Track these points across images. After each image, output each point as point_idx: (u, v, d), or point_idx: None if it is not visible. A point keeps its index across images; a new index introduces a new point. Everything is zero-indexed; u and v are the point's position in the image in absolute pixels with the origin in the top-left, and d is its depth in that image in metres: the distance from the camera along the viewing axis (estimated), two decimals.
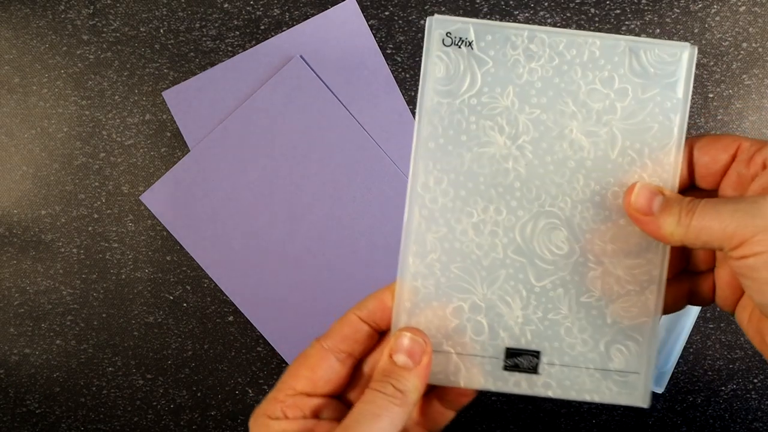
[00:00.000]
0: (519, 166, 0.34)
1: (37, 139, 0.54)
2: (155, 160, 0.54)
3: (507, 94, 0.34)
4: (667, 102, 0.34)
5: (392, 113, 0.53)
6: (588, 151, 0.34)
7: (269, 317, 0.55)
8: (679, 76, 0.34)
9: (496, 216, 0.35)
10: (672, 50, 0.34)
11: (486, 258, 0.35)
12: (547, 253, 0.35)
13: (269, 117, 0.53)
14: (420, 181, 0.35)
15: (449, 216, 0.35)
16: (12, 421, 0.56)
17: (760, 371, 0.53)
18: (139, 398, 0.56)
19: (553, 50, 0.34)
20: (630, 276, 0.34)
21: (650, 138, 0.34)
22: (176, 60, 0.54)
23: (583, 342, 0.35)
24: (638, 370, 0.35)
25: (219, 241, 0.54)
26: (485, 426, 0.54)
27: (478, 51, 0.34)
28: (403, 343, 0.33)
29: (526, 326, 0.35)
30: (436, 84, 0.34)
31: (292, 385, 0.34)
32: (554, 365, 0.35)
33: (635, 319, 0.35)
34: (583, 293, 0.35)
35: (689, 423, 0.54)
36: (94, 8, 0.53)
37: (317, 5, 0.53)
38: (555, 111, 0.34)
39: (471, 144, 0.34)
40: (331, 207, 0.54)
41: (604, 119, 0.34)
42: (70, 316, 0.55)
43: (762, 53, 0.51)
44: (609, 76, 0.34)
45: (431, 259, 0.35)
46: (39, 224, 0.55)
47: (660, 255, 0.34)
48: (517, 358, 0.35)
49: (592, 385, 0.35)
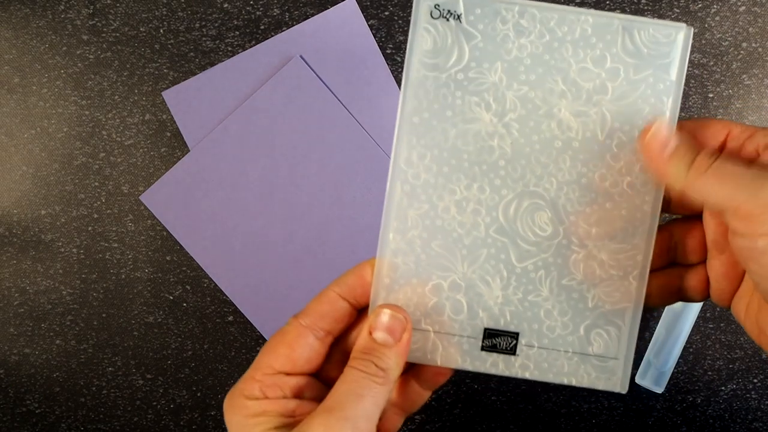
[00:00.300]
0: (504, 144, 0.33)
1: (37, 139, 0.54)
2: (155, 160, 0.54)
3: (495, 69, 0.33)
4: (659, 84, 0.33)
5: (392, 113, 0.53)
6: (576, 131, 0.33)
7: (269, 317, 0.55)
8: (673, 57, 0.33)
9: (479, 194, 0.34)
10: (667, 31, 0.33)
11: (467, 236, 0.34)
12: (529, 233, 0.34)
13: (269, 117, 0.53)
14: (403, 156, 0.34)
15: (431, 192, 0.34)
16: (12, 421, 0.56)
17: (760, 371, 0.53)
18: (139, 398, 0.56)
19: (544, 26, 0.33)
20: (614, 261, 0.34)
21: (641, 120, 0.33)
22: (176, 60, 0.54)
23: (563, 325, 0.34)
24: (617, 356, 0.34)
25: (219, 241, 0.54)
26: (485, 426, 0.54)
27: (467, 24, 0.33)
28: (383, 320, 0.32)
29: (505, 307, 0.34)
30: (422, 57, 0.33)
31: (270, 363, 0.33)
32: (533, 347, 0.34)
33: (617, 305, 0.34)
34: (565, 276, 0.34)
35: (689, 423, 0.54)
36: (94, 8, 0.53)
37: (317, 5, 0.53)
38: (544, 89, 0.33)
39: (456, 120, 0.33)
40: (331, 207, 0.54)
41: (594, 99, 0.33)
42: (70, 316, 0.55)
43: (762, 53, 0.51)
44: (601, 54, 0.33)
45: (412, 236, 0.34)
46: (39, 224, 0.55)
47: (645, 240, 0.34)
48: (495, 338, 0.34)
49: (570, 369, 0.34)
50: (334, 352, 0.35)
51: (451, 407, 0.54)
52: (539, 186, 0.34)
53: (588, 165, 0.33)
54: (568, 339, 0.34)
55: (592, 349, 0.34)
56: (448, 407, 0.54)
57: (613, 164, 0.33)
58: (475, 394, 0.54)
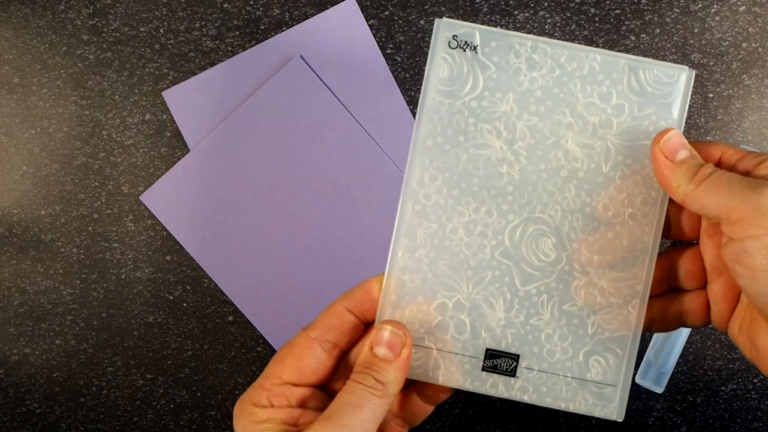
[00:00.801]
0: (513, 171, 0.35)
1: (37, 139, 0.54)
2: (155, 160, 0.54)
3: (507, 99, 0.35)
4: (662, 121, 0.34)
5: (392, 113, 0.53)
6: (581, 162, 0.35)
7: (269, 317, 0.55)
8: (675, 97, 0.34)
9: (487, 218, 0.35)
10: (670, 72, 0.34)
11: (474, 258, 0.35)
12: (534, 258, 0.35)
13: (269, 117, 0.53)
14: (415, 177, 0.35)
15: (441, 213, 0.35)
16: (12, 421, 0.56)
17: (760, 371, 0.53)
18: (139, 398, 0.56)
19: (554, 61, 0.34)
20: (614, 288, 0.35)
21: (643, 155, 0.34)
22: (176, 60, 0.54)
23: (563, 350, 0.35)
24: (615, 383, 0.35)
25: (219, 241, 0.54)
26: (485, 426, 0.54)
27: (482, 56, 0.34)
28: (384, 336, 0.33)
29: (507, 329, 0.35)
30: (438, 84, 0.35)
31: (279, 374, 0.34)
32: (532, 370, 0.35)
33: (616, 332, 0.35)
34: (566, 301, 0.35)
35: (689, 423, 0.54)
36: (94, 8, 0.53)
37: (317, 5, 0.53)
38: (552, 120, 0.34)
39: (468, 145, 0.35)
40: (331, 207, 0.54)
41: (600, 133, 0.34)
42: (70, 316, 0.55)
43: (762, 53, 0.51)
44: (607, 91, 0.34)
45: (420, 254, 0.35)
46: (39, 224, 0.55)
47: (645, 270, 0.35)
48: (496, 359, 0.35)
49: (568, 394, 0.35)
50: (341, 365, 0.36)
51: (451, 407, 0.54)
52: (545, 213, 0.35)
53: (592, 195, 0.35)
54: (567, 364, 0.35)
55: (591, 375, 0.35)
56: (448, 407, 0.54)
57: (615, 195, 0.35)
58: (475, 394, 0.54)
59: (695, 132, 0.52)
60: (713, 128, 0.52)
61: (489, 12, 0.52)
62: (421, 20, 0.52)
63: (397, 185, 0.53)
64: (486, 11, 0.52)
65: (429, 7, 0.52)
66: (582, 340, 0.35)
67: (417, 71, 0.53)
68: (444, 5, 0.52)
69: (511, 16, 0.52)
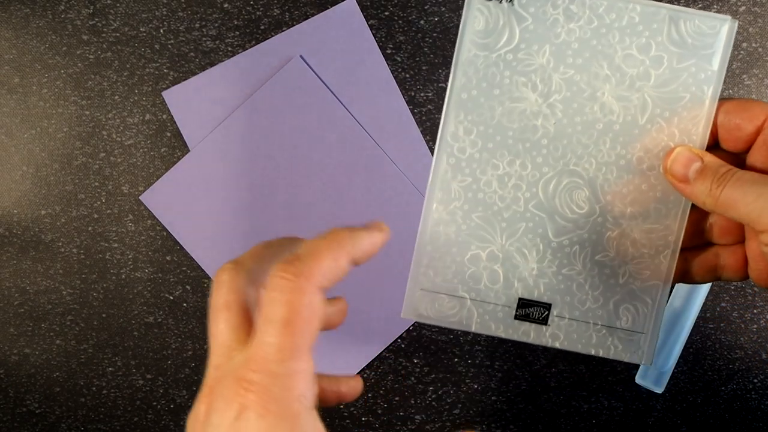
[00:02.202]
0: (548, 124, 0.35)
1: (37, 139, 0.54)
2: (155, 160, 0.54)
3: (543, 52, 0.34)
4: (701, 73, 0.34)
5: (392, 113, 0.53)
6: (617, 115, 0.34)
7: None
8: (716, 48, 0.34)
9: (521, 170, 0.35)
10: (712, 22, 0.34)
11: (507, 210, 0.35)
12: (567, 210, 0.35)
13: (269, 117, 0.53)
14: (450, 130, 0.35)
15: (475, 166, 0.35)
16: (12, 421, 0.56)
17: (760, 371, 0.53)
18: (139, 398, 0.56)
19: (593, 12, 0.34)
20: (646, 239, 0.35)
21: (681, 108, 0.34)
22: (176, 60, 0.54)
23: (594, 299, 0.36)
24: (644, 330, 0.36)
25: (219, 241, 0.54)
26: (485, 426, 0.54)
27: (519, 7, 0.34)
28: None
29: (540, 279, 0.36)
30: (474, 36, 0.34)
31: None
32: (564, 318, 0.36)
33: (646, 282, 0.35)
34: (598, 252, 0.35)
35: (689, 423, 0.54)
36: (94, 8, 0.53)
37: (317, 5, 0.53)
38: (589, 73, 0.34)
39: (503, 98, 0.35)
40: (331, 207, 0.54)
41: (637, 85, 0.34)
42: (70, 316, 0.55)
43: (762, 53, 0.51)
44: (646, 42, 0.34)
45: (454, 207, 0.35)
46: (39, 224, 0.55)
47: (678, 222, 0.35)
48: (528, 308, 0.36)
49: (598, 341, 0.36)
50: None
51: (451, 407, 0.54)
52: (579, 165, 0.35)
53: (627, 147, 0.35)
54: (597, 312, 0.36)
55: (620, 323, 0.36)
56: (448, 407, 0.54)
57: (651, 148, 0.34)
58: (475, 394, 0.54)
59: None
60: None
61: None
62: (421, 20, 0.52)
63: (397, 185, 0.53)
64: None
65: (429, 7, 0.52)
66: (613, 289, 0.35)
67: (417, 71, 0.53)
68: (444, 5, 0.52)
69: None
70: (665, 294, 0.35)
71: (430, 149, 0.53)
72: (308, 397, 0.25)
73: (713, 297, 0.53)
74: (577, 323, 0.36)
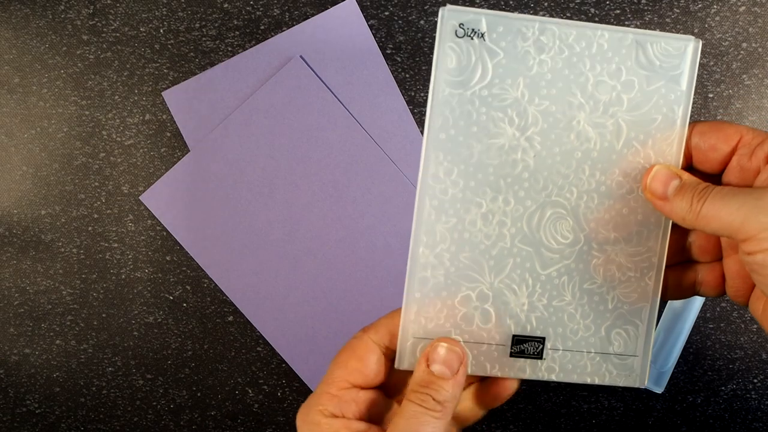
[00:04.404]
0: (527, 157, 0.35)
1: (37, 139, 0.54)
2: (155, 160, 0.54)
3: (517, 85, 0.34)
4: (671, 94, 0.34)
5: (392, 113, 0.53)
6: (594, 142, 0.35)
7: (269, 317, 0.55)
8: (683, 69, 0.34)
9: (504, 206, 0.35)
10: (677, 44, 0.34)
11: (494, 247, 0.35)
12: (553, 242, 0.35)
13: (269, 117, 0.53)
14: (430, 172, 0.35)
15: (459, 206, 0.35)
16: (12, 421, 0.56)
17: (760, 371, 0.53)
18: (139, 398, 0.56)
19: (563, 42, 0.34)
20: (631, 263, 0.35)
21: (654, 129, 0.34)
22: (176, 60, 0.54)
23: (586, 327, 0.36)
24: (636, 353, 0.36)
25: (219, 241, 0.54)
26: (485, 426, 0.54)
27: (490, 42, 0.34)
28: (440, 353, 0.33)
29: (531, 313, 0.36)
30: (447, 75, 0.34)
31: (344, 377, 0.34)
32: (558, 350, 0.36)
33: (635, 304, 0.36)
34: (586, 280, 0.36)
35: (689, 423, 0.54)
36: (94, 8, 0.53)
37: (317, 5, 0.53)
38: (563, 102, 0.34)
39: (481, 135, 0.35)
40: (331, 207, 0.54)
41: (611, 111, 0.34)
42: (70, 316, 0.55)
43: (762, 53, 0.51)
44: (616, 68, 0.34)
45: (441, 250, 0.35)
46: (39, 224, 0.55)
47: (659, 243, 0.35)
48: (523, 344, 0.36)
49: (593, 369, 0.36)
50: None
51: None
52: (561, 196, 0.35)
53: (606, 173, 0.35)
54: (590, 340, 0.36)
55: (613, 348, 0.36)
56: None
57: (628, 171, 0.35)
58: None
59: None
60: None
61: None
62: (421, 20, 0.52)
63: (397, 185, 0.53)
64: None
65: (429, 7, 0.52)
66: (603, 315, 0.36)
67: (417, 71, 0.53)
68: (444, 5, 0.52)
69: None
70: (654, 314, 0.36)
71: None
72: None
73: (712, 298, 0.53)
74: (572, 353, 0.36)
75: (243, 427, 0.56)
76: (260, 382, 0.55)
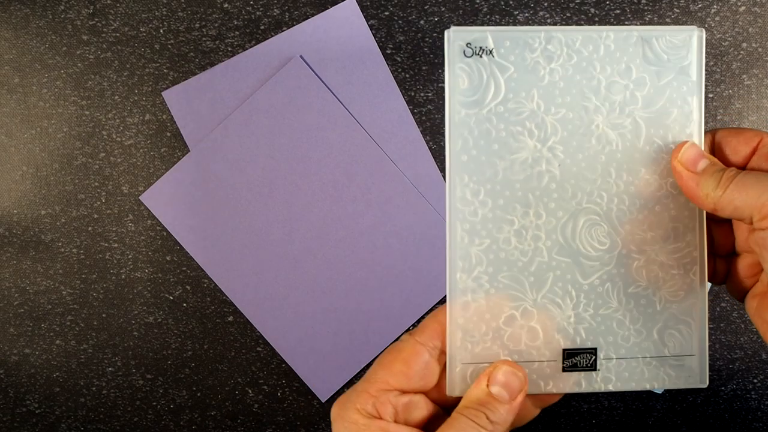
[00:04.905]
0: (552, 168, 0.35)
1: (37, 139, 0.54)
2: (155, 160, 0.54)
3: (532, 97, 0.34)
4: (683, 86, 0.34)
5: (392, 113, 0.53)
6: (616, 143, 0.35)
7: (269, 317, 0.55)
8: (691, 59, 0.34)
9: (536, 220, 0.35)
10: (681, 35, 0.34)
11: (532, 263, 0.35)
12: (590, 249, 0.35)
13: (269, 117, 0.53)
14: (457, 195, 0.34)
15: (491, 227, 0.35)
16: (12, 421, 0.56)
17: (760, 371, 0.53)
18: (139, 398, 0.56)
19: (570, 48, 0.34)
20: (672, 260, 0.35)
21: (671, 122, 0.34)
22: (176, 60, 0.54)
23: (637, 332, 0.35)
24: (693, 352, 0.35)
25: (219, 241, 0.54)
26: None
27: (499, 58, 0.34)
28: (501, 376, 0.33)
29: (579, 325, 0.35)
30: (460, 96, 0.34)
31: (386, 379, 0.33)
32: (611, 359, 0.35)
33: (684, 302, 0.35)
34: (630, 284, 0.35)
35: (689, 423, 0.54)
36: (94, 8, 0.53)
37: (317, 5, 0.53)
38: (579, 108, 0.34)
39: (503, 152, 0.34)
40: (331, 207, 0.54)
41: (627, 110, 0.34)
42: (70, 316, 0.55)
43: (762, 53, 0.51)
44: (626, 67, 0.34)
45: (478, 273, 0.35)
46: (39, 224, 0.55)
47: (698, 235, 0.35)
48: (574, 357, 0.35)
49: (650, 374, 0.35)
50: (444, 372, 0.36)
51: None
52: (591, 202, 0.35)
53: (632, 173, 0.35)
54: (643, 345, 0.35)
55: (668, 350, 0.35)
56: None
57: (654, 168, 0.35)
58: None
59: None
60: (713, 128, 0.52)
61: (489, 12, 0.52)
62: (421, 20, 0.52)
63: (397, 185, 0.53)
64: (486, 11, 0.52)
65: (429, 7, 0.52)
66: (653, 318, 0.35)
67: (417, 71, 0.53)
68: (444, 5, 0.52)
69: (511, 16, 0.52)
70: (704, 310, 0.35)
71: (430, 149, 0.53)
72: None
73: (713, 297, 0.53)
74: (626, 361, 0.35)
75: (243, 427, 0.56)
76: (260, 382, 0.55)
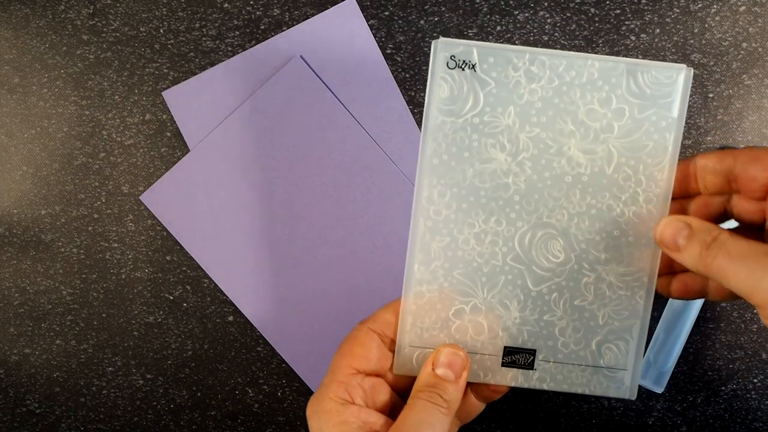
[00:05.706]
0: (519, 181, 0.36)
1: (37, 139, 0.54)
2: (155, 160, 0.54)
3: (508, 113, 0.35)
4: (662, 121, 0.35)
5: (392, 113, 0.53)
6: (585, 167, 0.36)
7: (269, 317, 0.55)
8: (674, 97, 0.35)
9: (497, 227, 0.36)
10: (668, 72, 0.35)
11: (486, 265, 0.37)
12: (544, 260, 0.36)
13: (269, 117, 0.53)
14: (425, 194, 0.36)
15: (452, 227, 0.36)
16: (12, 421, 0.56)
17: (760, 371, 0.53)
18: (139, 398, 0.56)
19: (553, 72, 0.35)
20: (622, 282, 0.36)
21: (645, 155, 0.35)
22: (176, 60, 0.54)
23: (576, 341, 0.37)
24: (626, 367, 0.37)
25: (219, 241, 0.54)
26: (485, 426, 0.54)
27: (481, 73, 0.35)
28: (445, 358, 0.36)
29: (523, 327, 0.37)
30: (440, 104, 0.35)
31: (349, 363, 0.36)
32: (549, 362, 0.37)
33: (625, 321, 0.37)
34: (577, 297, 0.37)
35: (689, 423, 0.54)
36: (94, 8, 0.53)
37: (317, 5, 0.53)
38: (554, 129, 0.35)
39: (473, 160, 0.36)
40: (331, 207, 0.54)
41: (602, 137, 0.35)
42: (70, 316, 0.55)
43: (762, 53, 0.51)
44: (607, 96, 0.35)
45: (435, 266, 0.37)
46: (39, 224, 0.55)
47: (650, 263, 0.36)
48: (514, 355, 0.37)
49: (583, 380, 0.37)
50: None
51: None
52: (552, 217, 0.36)
53: (596, 197, 0.36)
54: (581, 354, 0.37)
55: (603, 361, 0.37)
56: None
57: (619, 195, 0.36)
58: None
59: (695, 132, 0.52)
60: (713, 128, 0.52)
61: (489, 12, 0.52)
62: (421, 20, 0.52)
63: (397, 185, 0.53)
64: (486, 11, 0.52)
65: (429, 7, 0.52)
66: (594, 330, 0.37)
67: (417, 71, 0.53)
68: (444, 5, 0.52)
69: (511, 16, 0.52)
70: (644, 331, 0.37)
71: None
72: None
73: None
74: (562, 365, 0.37)
75: (243, 427, 0.56)
76: (260, 382, 0.55)
